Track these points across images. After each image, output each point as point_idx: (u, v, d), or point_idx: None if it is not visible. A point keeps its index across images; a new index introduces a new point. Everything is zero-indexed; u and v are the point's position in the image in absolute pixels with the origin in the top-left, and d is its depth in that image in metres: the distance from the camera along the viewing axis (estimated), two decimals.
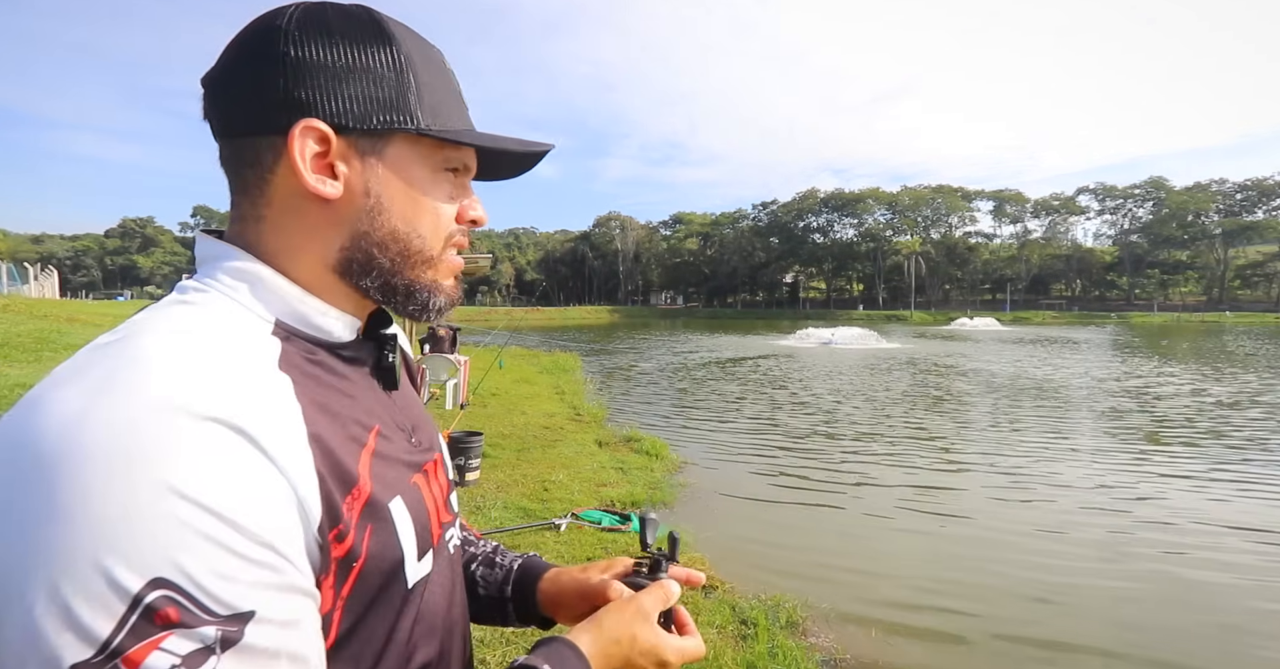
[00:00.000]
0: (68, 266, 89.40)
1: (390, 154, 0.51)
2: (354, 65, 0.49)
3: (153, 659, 0.34)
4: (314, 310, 0.52)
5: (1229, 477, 6.43)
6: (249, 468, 0.39)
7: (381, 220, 0.52)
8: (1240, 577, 4.16)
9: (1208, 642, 3.41)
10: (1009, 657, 3.27)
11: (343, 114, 0.49)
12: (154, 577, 0.34)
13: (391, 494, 0.51)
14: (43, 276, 29.09)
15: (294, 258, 0.51)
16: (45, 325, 10.11)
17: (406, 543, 0.51)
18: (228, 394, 0.40)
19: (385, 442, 0.53)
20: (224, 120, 0.50)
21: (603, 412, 9.54)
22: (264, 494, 0.40)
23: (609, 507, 4.93)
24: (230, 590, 0.37)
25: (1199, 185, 77.57)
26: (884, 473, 6.65)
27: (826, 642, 3.31)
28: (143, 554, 0.35)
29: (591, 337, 34.23)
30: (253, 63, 0.49)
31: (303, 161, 0.48)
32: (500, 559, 0.79)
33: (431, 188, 0.54)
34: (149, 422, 0.37)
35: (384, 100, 0.50)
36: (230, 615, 0.36)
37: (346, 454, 0.47)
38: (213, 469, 0.38)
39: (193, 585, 0.35)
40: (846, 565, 4.36)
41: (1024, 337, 34.28)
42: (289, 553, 0.40)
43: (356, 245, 0.52)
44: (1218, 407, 10.57)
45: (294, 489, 0.42)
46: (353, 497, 0.46)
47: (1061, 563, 4.39)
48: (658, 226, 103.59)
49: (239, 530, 0.37)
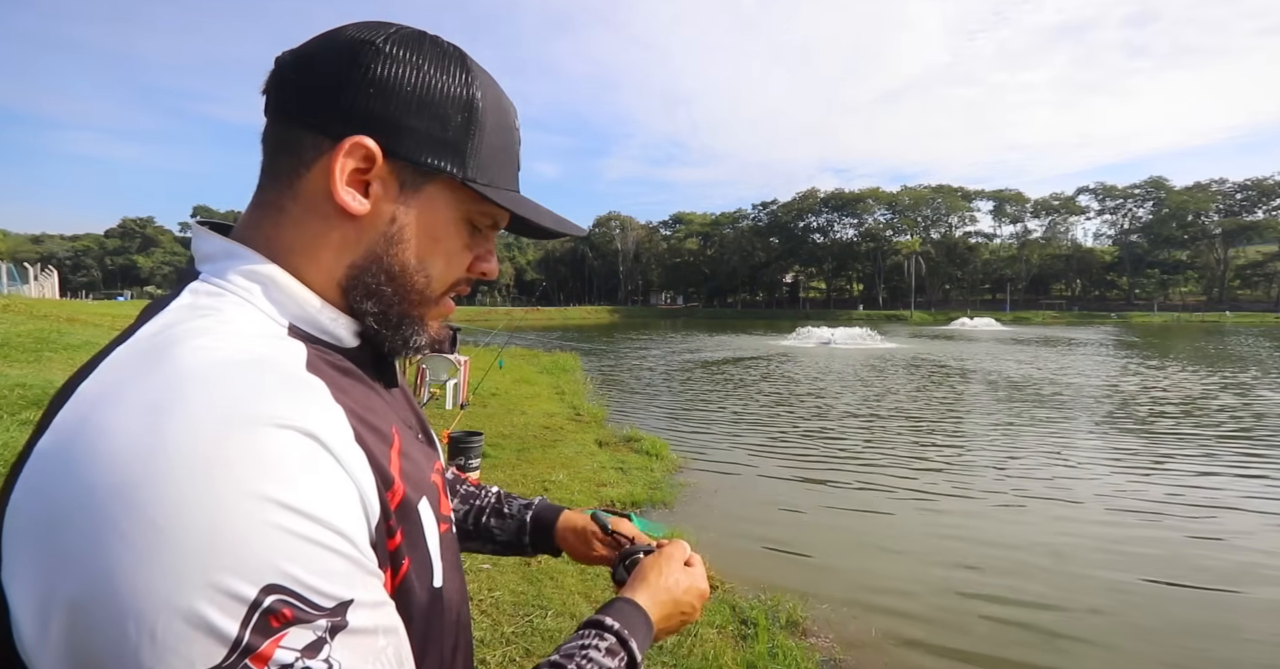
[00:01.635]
0: (68, 266, 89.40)
1: (427, 192, 0.52)
2: (428, 100, 0.50)
3: (278, 655, 0.36)
4: (327, 317, 0.52)
5: (1232, 477, 6.44)
6: (325, 469, 0.41)
7: (397, 250, 0.52)
8: (1249, 579, 4.16)
9: (1211, 643, 3.41)
10: (1009, 657, 3.26)
11: (397, 143, 0.50)
12: (266, 584, 0.36)
13: (419, 494, 0.52)
14: (43, 277, 29.08)
15: (309, 260, 0.51)
16: (45, 325, 10.10)
17: (432, 543, 0.52)
18: (287, 400, 0.41)
19: (405, 441, 0.54)
20: (282, 101, 0.51)
21: (603, 411, 9.53)
22: (340, 493, 0.42)
23: (609, 506, 4.90)
24: (331, 585, 0.39)
25: (1199, 185, 77.52)
26: (884, 472, 6.65)
27: (826, 642, 3.31)
28: (252, 564, 0.36)
29: (591, 337, 34.22)
30: (337, 63, 0.49)
31: (340, 172, 0.49)
32: (508, 509, 0.89)
33: (453, 234, 0.55)
34: (222, 435, 0.38)
35: (442, 142, 0.51)
36: (335, 606, 0.39)
37: (381, 454, 0.48)
38: (296, 474, 0.39)
39: (300, 586, 0.38)
40: (847, 565, 4.36)
41: (1024, 336, 34.28)
42: (364, 544, 0.43)
43: (367, 267, 0.52)
44: (1223, 408, 10.56)
45: (358, 487, 0.43)
46: (392, 494, 0.48)
47: (1064, 563, 4.39)
48: (658, 226, 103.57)
49: (328, 528, 0.40)
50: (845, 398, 11.88)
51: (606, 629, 0.62)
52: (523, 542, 0.88)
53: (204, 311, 0.46)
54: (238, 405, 0.39)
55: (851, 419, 9.73)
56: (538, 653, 2.83)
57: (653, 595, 0.70)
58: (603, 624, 0.62)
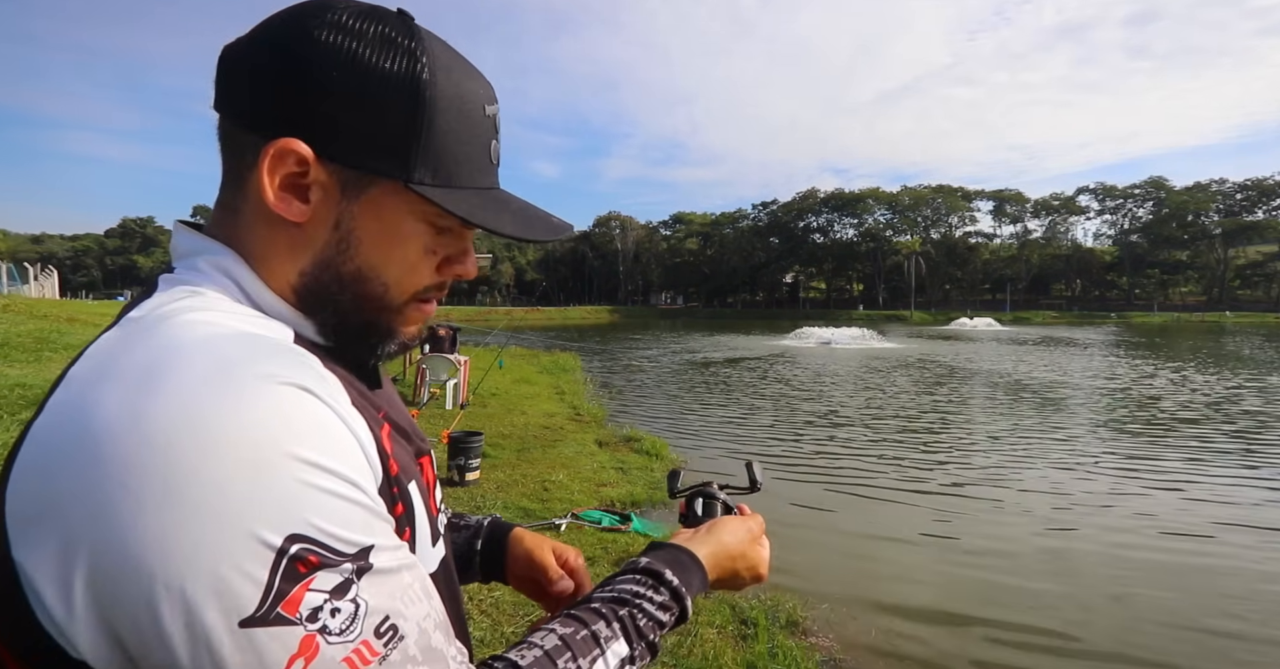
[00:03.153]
0: (68, 266, 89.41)
1: (372, 195, 0.48)
2: (365, 92, 0.46)
3: (308, 598, 0.37)
4: (290, 317, 0.50)
5: (1234, 477, 6.44)
6: (330, 422, 0.41)
7: (347, 257, 0.49)
8: (1249, 579, 4.16)
9: (1214, 644, 3.41)
10: (1010, 657, 3.27)
11: (332, 144, 0.46)
12: (290, 533, 0.37)
13: (409, 477, 0.51)
14: (43, 277, 29.05)
15: (263, 264, 0.49)
16: (45, 325, 10.10)
17: (421, 529, 0.52)
18: (284, 363, 0.41)
19: (393, 429, 0.53)
20: (223, 96, 0.48)
21: (603, 411, 9.53)
22: (347, 444, 0.42)
23: (609, 506, 4.92)
24: (350, 532, 0.40)
25: (1199, 185, 77.66)
26: (885, 472, 6.65)
27: (826, 642, 3.31)
28: (274, 515, 0.37)
29: (591, 336, 34.22)
30: (270, 54, 0.46)
31: (269, 178, 0.46)
32: (463, 521, 0.83)
33: (410, 238, 0.50)
34: (225, 391, 0.38)
35: (382, 143, 0.47)
36: (357, 551, 0.40)
37: (371, 429, 0.46)
38: (303, 426, 0.39)
39: (323, 534, 0.38)
40: (847, 565, 4.36)
41: (1024, 337, 34.29)
42: (374, 492, 0.43)
43: (318, 275, 0.50)
44: (1222, 408, 10.56)
45: (361, 445, 0.43)
46: (385, 468, 0.47)
47: (1065, 563, 4.39)
48: (658, 226, 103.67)
49: (340, 478, 0.40)
50: (845, 398, 11.87)
51: (665, 584, 0.59)
52: (472, 556, 0.80)
53: (187, 294, 0.46)
54: (237, 364, 0.39)
55: (852, 419, 9.72)
56: None
57: (718, 559, 0.66)
58: (663, 578, 0.59)
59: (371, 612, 0.40)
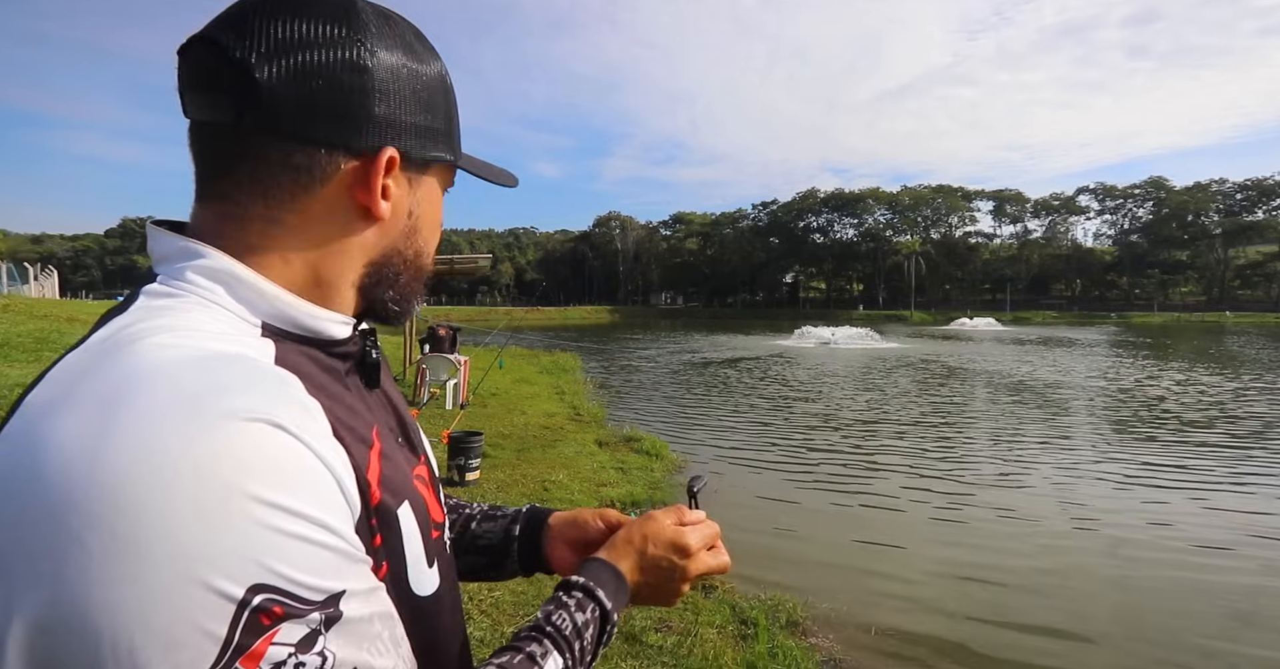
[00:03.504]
0: (68, 266, 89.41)
1: (428, 180, 0.54)
2: (422, 92, 0.50)
3: (271, 652, 0.35)
4: (304, 313, 0.49)
5: (1235, 477, 6.43)
6: (301, 462, 0.39)
7: (414, 240, 0.54)
8: (1251, 579, 4.16)
9: (1214, 644, 3.41)
10: (1010, 657, 3.26)
11: (409, 142, 0.50)
12: (253, 583, 0.35)
13: (399, 500, 0.49)
14: (43, 277, 29.04)
15: (279, 258, 0.48)
16: (45, 325, 10.10)
17: (412, 552, 0.50)
18: (257, 393, 0.39)
19: (385, 442, 0.51)
20: (272, 117, 0.45)
21: (602, 411, 9.53)
22: (319, 484, 0.40)
23: (609, 506, 4.92)
24: (319, 578, 0.38)
25: (1199, 185, 77.63)
26: (885, 473, 6.65)
27: (826, 642, 3.31)
28: (235, 564, 0.35)
29: (591, 336, 34.22)
30: (331, 65, 0.45)
31: (374, 189, 0.48)
32: (499, 512, 0.79)
33: (439, 210, 0.58)
34: (187, 430, 0.35)
35: (436, 130, 0.52)
36: (326, 599, 0.38)
37: (360, 455, 0.45)
38: (270, 468, 0.37)
39: (287, 582, 0.36)
40: (847, 565, 4.36)
41: (1024, 337, 34.28)
42: (349, 533, 0.41)
43: (386, 263, 0.53)
44: (1220, 407, 10.56)
45: (338, 480, 0.41)
46: (367, 496, 0.45)
47: (1065, 563, 4.39)
48: (658, 226, 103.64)
49: (310, 521, 0.38)
50: (845, 398, 11.87)
51: (573, 585, 0.61)
52: (509, 545, 0.76)
53: (160, 312, 0.43)
54: (202, 399, 0.36)
55: (852, 419, 9.72)
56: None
57: (613, 549, 0.66)
58: (569, 581, 0.61)
59: (338, 665, 0.38)
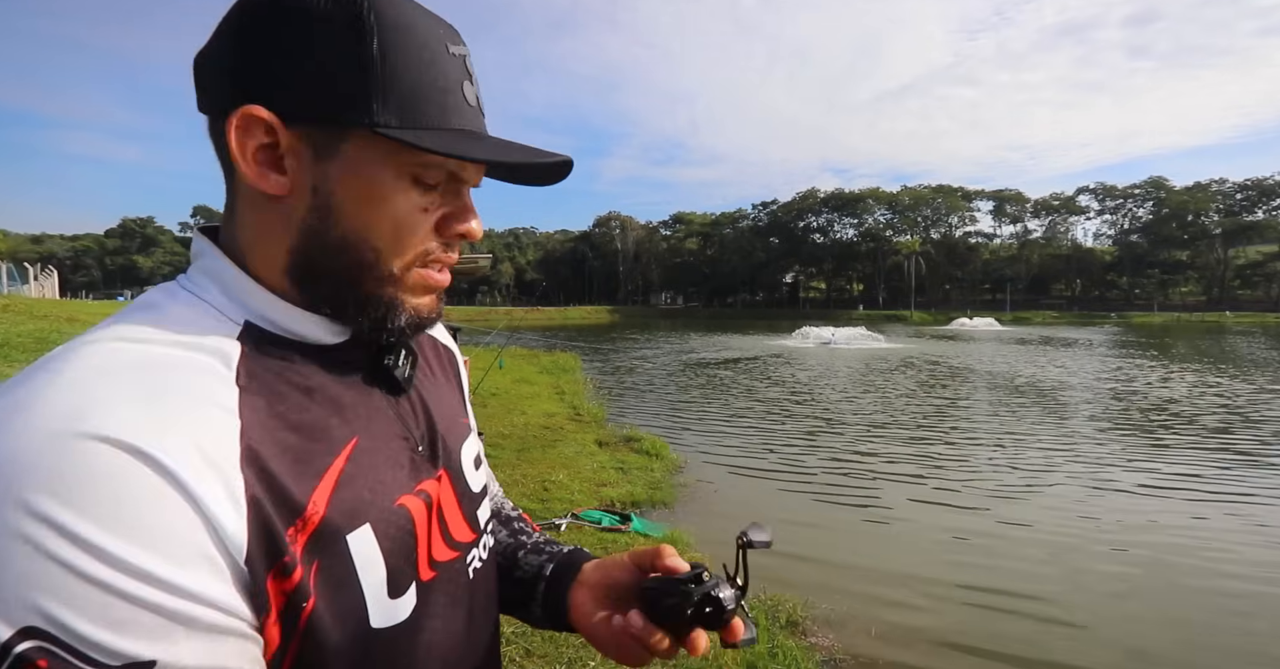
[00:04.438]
0: (68, 266, 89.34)
1: (346, 152, 0.45)
2: (313, 46, 0.43)
3: None
4: (283, 314, 0.47)
5: (1236, 478, 6.43)
6: (146, 496, 0.35)
7: (330, 223, 0.46)
8: (1253, 584, 4.16)
9: (1215, 645, 3.41)
10: (1010, 657, 3.26)
11: (291, 102, 0.44)
12: (22, 626, 0.31)
13: (355, 522, 0.45)
14: (43, 276, 29.07)
15: (256, 255, 0.47)
16: (45, 325, 10.11)
17: (370, 580, 0.45)
18: (143, 414, 0.36)
19: (364, 457, 0.47)
20: (200, 95, 0.47)
21: (603, 411, 9.53)
22: (168, 530, 0.35)
23: (609, 506, 4.93)
24: (119, 639, 0.32)
25: (1199, 185, 77.58)
26: (885, 472, 6.65)
27: (826, 642, 3.31)
28: (9, 599, 0.31)
29: (592, 336, 34.23)
30: (221, 34, 0.45)
31: (241, 152, 0.44)
32: (549, 548, 0.72)
33: (393, 196, 0.46)
34: (33, 444, 0.34)
35: (340, 90, 0.43)
36: (122, 666, 0.32)
37: (295, 476, 0.42)
38: (98, 500, 0.33)
39: (68, 635, 0.31)
40: (847, 565, 4.36)
41: (1025, 337, 34.28)
42: (207, 594, 0.36)
43: (306, 247, 0.46)
44: (1223, 407, 10.56)
45: (208, 518, 0.36)
46: (297, 527, 0.41)
47: (1067, 564, 4.39)
48: (658, 226, 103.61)
49: (124, 567, 0.33)
50: (846, 398, 11.87)
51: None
52: (538, 584, 0.68)
53: (146, 308, 0.44)
54: (74, 416, 0.35)
55: (852, 419, 9.73)
56: (538, 653, 2.83)
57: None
58: None
59: None
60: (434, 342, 0.68)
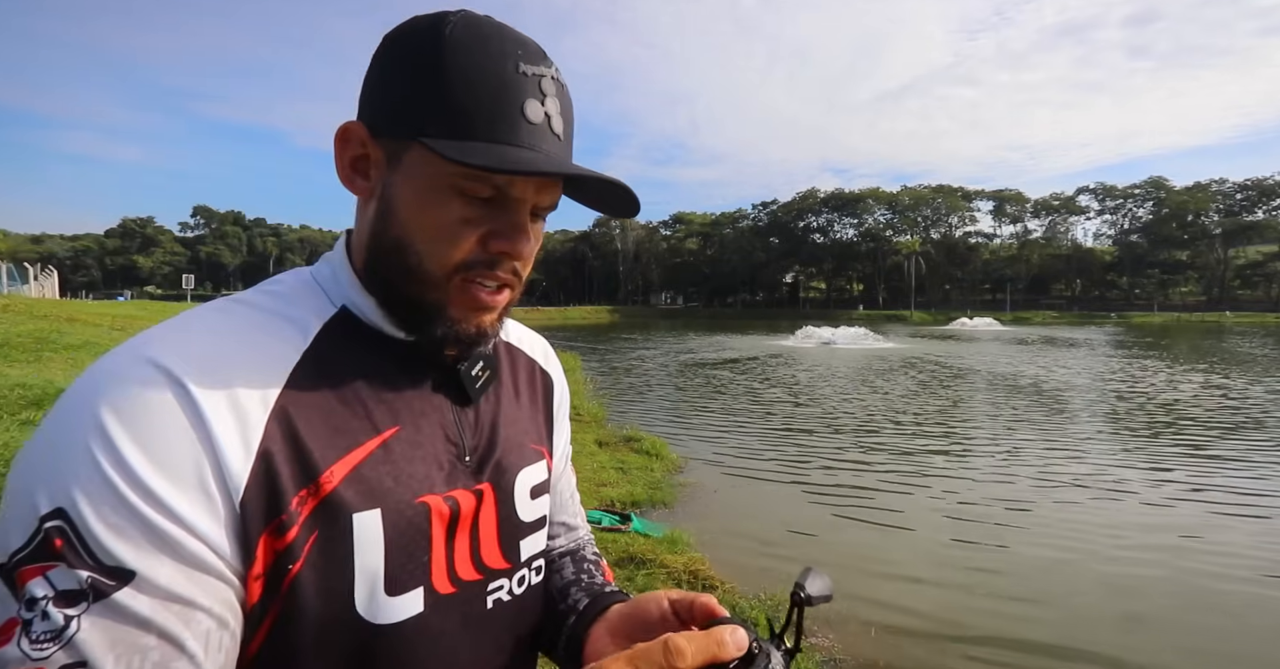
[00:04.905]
0: (68, 267, 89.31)
1: (406, 162, 0.49)
2: (395, 67, 0.49)
3: (33, 584, 0.34)
4: (363, 303, 0.52)
5: (1236, 479, 6.42)
6: (163, 413, 0.39)
7: (388, 224, 0.50)
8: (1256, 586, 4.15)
9: (1216, 645, 3.40)
10: (1010, 658, 3.26)
11: (376, 118, 0.50)
12: (56, 506, 0.35)
13: (366, 504, 0.46)
14: (43, 277, 29.01)
15: (355, 250, 0.54)
16: (45, 325, 10.09)
17: (365, 563, 0.45)
18: (192, 352, 0.42)
19: (400, 446, 0.50)
20: None
21: (603, 411, 9.52)
22: (174, 451, 0.39)
23: (609, 506, 4.92)
24: (114, 543, 0.36)
25: (1199, 185, 77.54)
26: (885, 473, 6.64)
27: (826, 642, 3.30)
28: (56, 481, 0.36)
29: (591, 336, 34.21)
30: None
31: (338, 159, 0.51)
32: (604, 590, 0.66)
33: (439, 204, 0.48)
34: (120, 360, 0.41)
35: (405, 107, 0.48)
36: (109, 567, 0.35)
37: (324, 444, 0.45)
38: (132, 411, 0.39)
39: (81, 524, 0.35)
40: (847, 565, 4.35)
41: (1025, 337, 34.26)
42: (197, 525, 0.39)
43: (373, 246, 0.51)
44: (1224, 408, 10.55)
45: (215, 451, 0.40)
46: (309, 491, 0.43)
47: (1065, 564, 4.38)
48: (658, 226, 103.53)
49: (130, 480, 0.37)
50: (846, 398, 11.86)
51: None
52: (569, 619, 0.63)
53: (275, 282, 0.54)
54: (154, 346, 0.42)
55: (853, 419, 9.72)
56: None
57: None
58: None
59: (74, 645, 0.34)
60: (532, 365, 0.70)
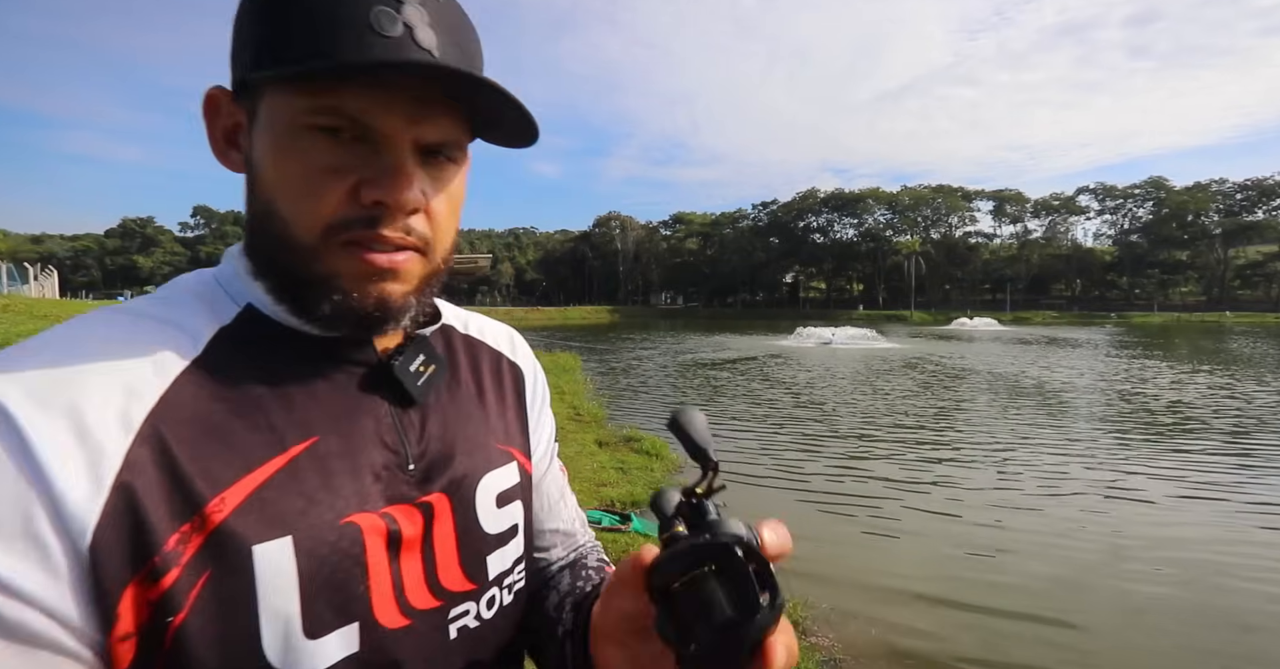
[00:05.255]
0: (68, 266, 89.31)
1: (262, 112, 0.41)
2: (246, 17, 0.41)
3: None
4: (260, 297, 0.44)
5: (1260, 485, 6.42)
6: None
7: (256, 192, 0.42)
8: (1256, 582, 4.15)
9: (1217, 645, 3.40)
10: (1010, 657, 3.26)
11: (233, 77, 0.42)
12: None
13: (270, 532, 0.38)
14: (43, 276, 29.03)
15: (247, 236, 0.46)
16: (45, 325, 10.06)
17: (271, 604, 0.37)
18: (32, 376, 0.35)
19: (315, 461, 0.41)
20: None
21: (603, 411, 9.53)
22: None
23: (609, 506, 4.92)
24: None
25: (1199, 185, 77.55)
26: (885, 472, 6.64)
27: (826, 642, 3.30)
28: None
29: (591, 337, 34.21)
30: None
31: (209, 134, 0.43)
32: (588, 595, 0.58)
33: (295, 152, 0.40)
34: None
35: (251, 53, 0.40)
36: None
37: (212, 467, 0.37)
38: None
39: None
40: (847, 565, 4.35)
41: (1025, 337, 34.26)
42: (22, 585, 0.31)
43: (249, 222, 0.43)
44: (1224, 406, 10.55)
45: (47, 488, 0.32)
46: (192, 525, 0.36)
47: (1065, 564, 4.38)
48: (658, 226, 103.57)
49: None
50: (846, 399, 11.86)
51: None
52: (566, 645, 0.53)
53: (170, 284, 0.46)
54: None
55: (853, 419, 9.71)
56: None
57: None
58: None
59: None
60: (497, 357, 0.59)
